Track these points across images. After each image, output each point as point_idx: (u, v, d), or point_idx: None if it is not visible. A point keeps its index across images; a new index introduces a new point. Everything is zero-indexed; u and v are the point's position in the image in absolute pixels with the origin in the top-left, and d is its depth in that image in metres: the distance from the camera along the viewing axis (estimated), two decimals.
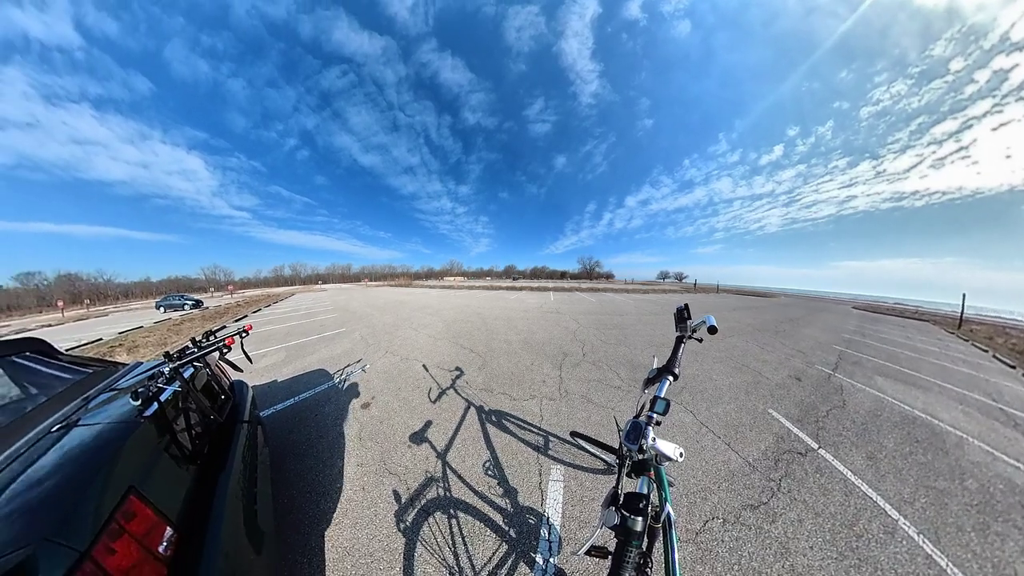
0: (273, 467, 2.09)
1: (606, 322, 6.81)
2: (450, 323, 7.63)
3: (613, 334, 5.44)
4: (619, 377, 3.33)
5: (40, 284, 55.26)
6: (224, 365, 2.00)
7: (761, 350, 4.61)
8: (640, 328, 6.07)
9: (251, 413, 1.86)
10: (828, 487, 1.90)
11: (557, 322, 7.03)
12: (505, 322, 7.31)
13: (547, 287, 27.56)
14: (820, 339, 6.09)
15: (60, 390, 1.40)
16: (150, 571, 0.83)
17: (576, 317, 7.66)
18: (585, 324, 6.59)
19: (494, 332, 6.14)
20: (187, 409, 1.33)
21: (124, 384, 1.44)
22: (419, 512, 1.70)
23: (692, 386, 3.17)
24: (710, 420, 2.57)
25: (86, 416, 1.14)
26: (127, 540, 0.81)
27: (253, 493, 1.35)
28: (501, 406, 2.79)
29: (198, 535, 1.01)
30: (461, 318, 8.41)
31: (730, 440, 2.29)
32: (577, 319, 7.31)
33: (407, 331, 6.98)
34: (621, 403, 2.76)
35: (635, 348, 4.48)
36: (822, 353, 4.84)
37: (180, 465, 1.14)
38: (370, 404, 3.18)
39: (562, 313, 8.57)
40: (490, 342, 5.27)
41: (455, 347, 5.14)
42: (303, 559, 1.52)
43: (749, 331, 6.28)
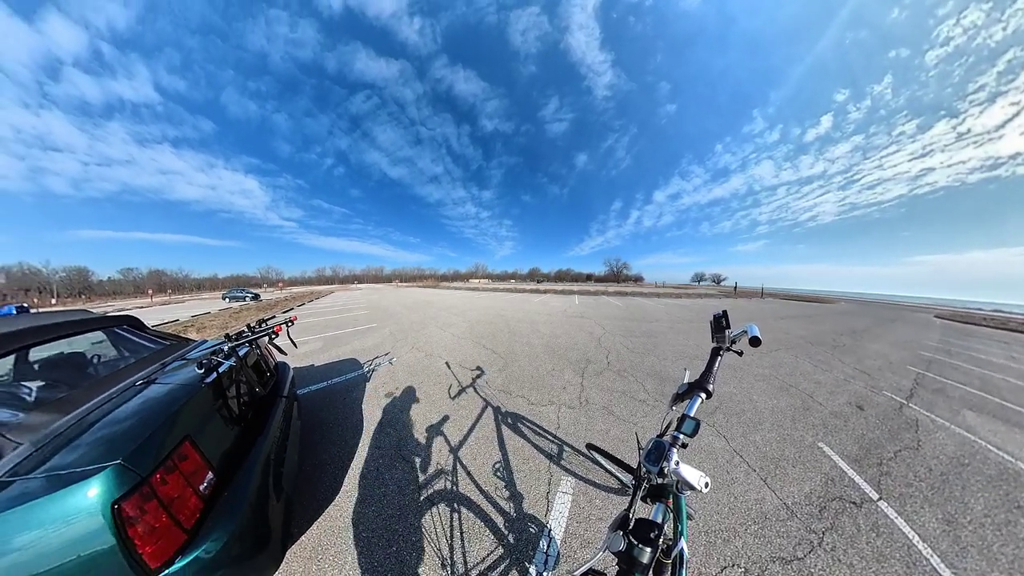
0: (302, 438, 2.43)
1: (634, 329, 6.48)
2: (474, 324, 7.79)
3: (641, 342, 5.17)
4: (645, 390, 3.12)
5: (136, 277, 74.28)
6: (272, 348, 2.38)
7: (814, 368, 4.00)
8: (671, 337, 5.66)
9: (290, 390, 2.11)
10: (885, 552, 1.53)
11: (581, 327, 6.85)
12: (528, 325, 7.29)
13: (572, 290, 26.77)
14: (891, 357, 5.09)
15: (144, 355, 1.76)
16: (190, 503, 1.03)
17: (601, 322, 7.41)
18: (611, 330, 6.34)
19: (517, 334, 6.16)
20: (238, 381, 1.59)
21: (192, 356, 1.74)
22: (424, 500, 1.78)
23: (728, 407, 2.85)
24: (745, 449, 2.24)
25: (161, 377, 1.43)
26: (177, 475, 1.02)
27: (282, 457, 1.55)
28: (518, 409, 2.79)
29: (233, 481, 1.20)
30: (485, 319, 8.55)
31: (767, 475, 1.99)
32: (602, 324, 7.06)
33: (433, 329, 7.25)
34: (645, 419, 2.58)
35: (664, 359, 4.19)
36: (893, 376, 4.02)
37: (227, 425, 1.37)
38: (393, 394, 3.38)
39: (587, 318, 8.33)
40: (512, 344, 5.30)
41: (478, 347, 5.24)
42: (313, 520, 1.70)
43: (800, 344, 5.51)
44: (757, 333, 0.96)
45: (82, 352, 1.84)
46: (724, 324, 1.02)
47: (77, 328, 1.64)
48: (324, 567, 1.46)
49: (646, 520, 0.71)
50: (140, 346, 1.87)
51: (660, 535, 0.68)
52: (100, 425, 1.05)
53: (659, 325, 7.14)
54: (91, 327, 1.72)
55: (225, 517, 1.07)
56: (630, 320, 7.86)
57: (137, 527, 0.88)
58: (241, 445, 1.39)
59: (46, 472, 0.88)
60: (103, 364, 1.80)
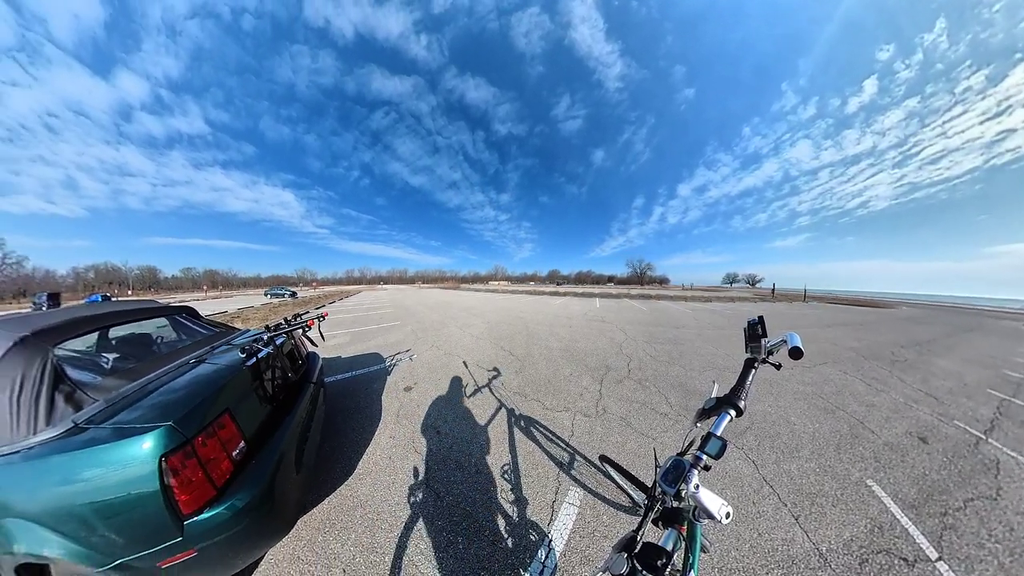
0: (326, 421, 2.66)
1: (658, 335, 6.17)
2: (493, 325, 7.86)
3: (665, 350, 4.90)
4: (668, 402, 2.94)
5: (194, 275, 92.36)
6: (305, 339, 2.65)
7: (867, 388, 3.47)
8: (699, 345, 5.30)
9: (318, 378, 2.33)
10: None
11: (602, 331, 6.65)
12: (547, 328, 7.22)
13: (592, 293, 25.89)
14: (966, 378, 4.17)
15: (197, 339, 2.04)
16: (223, 465, 1.20)
17: (623, 327, 7.14)
18: (633, 336, 6.09)
19: (535, 337, 6.12)
20: (274, 366, 1.79)
21: (236, 342, 1.99)
22: (431, 493, 1.84)
23: (760, 427, 2.55)
24: (777, 479, 1.95)
25: (210, 357, 1.67)
26: (215, 441, 1.20)
27: (306, 436, 1.73)
28: (532, 412, 2.77)
29: (261, 451, 1.38)
30: (503, 321, 8.60)
31: (801, 513, 1.70)
32: (624, 330, 6.81)
33: (452, 329, 7.43)
34: (665, 434, 2.40)
35: (691, 369, 3.93)
36: (968, 402, 3.32)
37: (261, 403, 1.57)
38: (412, 388, 3.54)
39: (608, 322, 8.07)
40: (530, 347, 5.28)
41: (495, 348, 5.28)
42: (325, 496, 1.87)
43: (850, 358, 4.81)
44: (799, 343, 0.84)
45: (149, 333, 2.19)
46: (760, 332, 0.91)
47: (146, 314, 1.97)
48: (329, 539, 1.58)
49: (654, 545, 0.67)
50: (194, 332, 2.18)
51: (668, 564, 0.63)
52: (158, 393, 1.27)
53: (686, 332, 6.71)
54: (157, 314, 2.06)
55: (250, 481, 1.22)
56: (654, 326, 7.48)
57: (177, 478, 1.05)
58: (271, 421, 1.58)
59: (113, 424, 1.10)
60: (164, 344, 2.13)
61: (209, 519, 1.09)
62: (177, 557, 1.05)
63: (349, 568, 1.45)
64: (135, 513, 1.01)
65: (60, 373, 1.21)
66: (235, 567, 1.23)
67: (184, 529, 1.05)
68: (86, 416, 1.13)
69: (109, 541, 1.00)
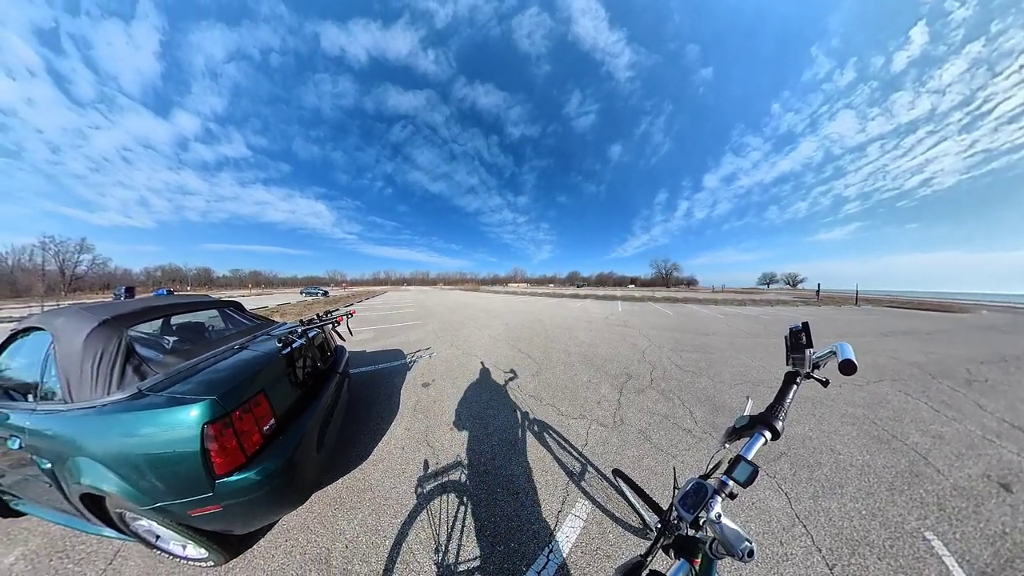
0: (348, 408, 2.86)
1: (685, 342, 5.81)
2: (511, 327, 7.89)
3: (692, 359, 4.61)
4: (693, 417, 2.73)
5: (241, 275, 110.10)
6: (334, 334, 2.90)
7: (934, 415, 2.91)
8: (731, 355, 4.89)
9: (344, 369, 2.55)
10: None
11: (624, 337, 6.40)
12: (566, 331, 7.11)
13: (614, 295, 24.81)
14: None
15: (241, 329, 2.35)
16: (254, 438, 1.36)
17: (647, 333, 6.82)
18: (658, 342, 5.79)
19: (553, 340, 6.05)
20: (305, 356, 1.99)
21: (274, 333, 2.27)
22: (437, 486, 1.90)
23: (798, 454, 2.22)
24: (813, 517, 1.66)
25: (251, 345, 1.91)
26: (250, 416, 1.37)
27: (329, 419, 1.91)
28: (546, 417, 2.73)
29: (288, 429, 1.54)
30: (522, 323, 8.60)
31: (837, 562, 1.42)
32: (648, 335, 6.50)
33: (472, 329, 7.56)
34: (688, 453, 2.21)
35: (721, 382, 3.63)
36: None
37: (292, 387, 1.76)
38: (429, 385, 3.65)
39: (630, 327, 7.75)
40: (548, 350, 5.22)
41: (513, 350, 5.30)
42: (340, 476, 2.04)
43: (914, 376, 4.02)
44: (851, 356, 0.72)
45: (202, 322, 2.52)
46: (804, 342, 0.80)
47: (200, 306, 2.32)
48: (338, 516, 1.71)
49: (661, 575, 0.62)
50: (239, 323, 2.50)
51: None
52: (206, 371, 1.48)
53: (716, 339, 6.20)
54: (209, 307, 2.41)
55: (275, 454, 1.38)
56: (681, 332, 7.03)
57: (215, 444, 1.22)
58: (299, 404, 1.76)
59: (168, 393, 1.30)
60: (214, 332, 2.43)
61: (236, 481, 1.25)
62: (205, 509, 1.23)
63: (351, 544, 1.55)
64: (177, 467, 1.20)
65: (131, 349, 1.48)
66: (252, 526, 1.43)
67: (215, 487, 1.22)
68: (148, 385, 1.36)
69: (153, 487, 1.21)
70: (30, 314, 1.72)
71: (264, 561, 1.49)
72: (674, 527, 0.71)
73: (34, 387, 1.49)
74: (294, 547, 1.55)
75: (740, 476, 0.65)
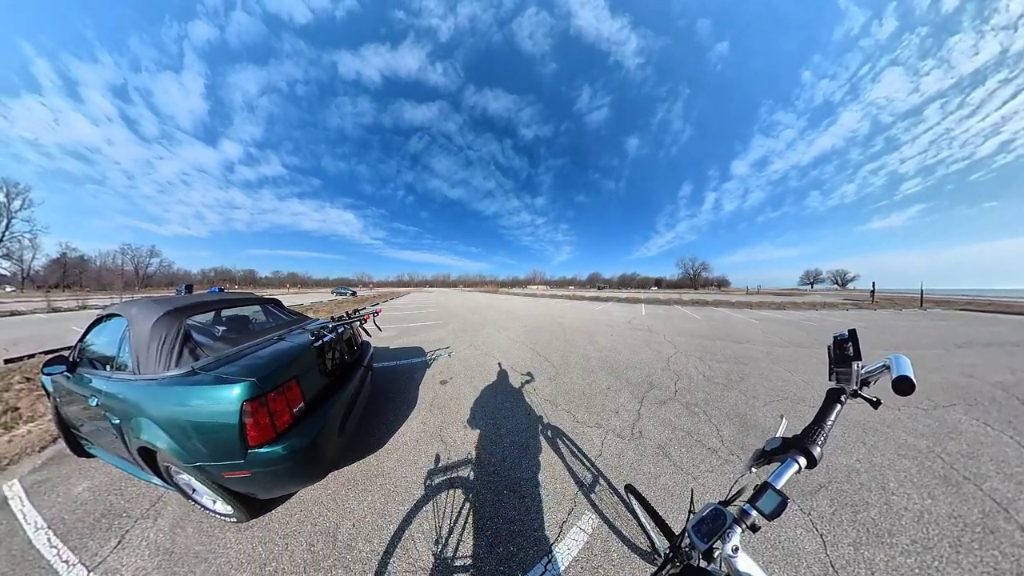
0: (369, 399, 3.12)
1: (715, 351, 5.41)
2: (530, 329, 7.88)
3: (723, 370, 4.29)
4: (719, 435, 2.52)
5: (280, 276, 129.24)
6: (361, 330, 3.21)
7: (1020, 451, 2.35)
8: (766, 367, 4.45)
9: (368, 362, 2.78)
10: None
11: (647, 342, 6.13)
12: (586, 335, 6.96)
13: (637, 297, 23.72)
14: None
15: (280, 323, 2.66)
16: (284, 418, 1.54)
17: (673, 339, 6.46)
18: (684, 350, 5.47)
19: (572, 344, 5.96)
20: (335, 349, 2.20)
21: (308, 327, 2.47)
22: (445, 481, 1.97)
23: (840, 488, 1.88)
24: (852, 569, 1.39)
25: (288, 337, 2.15)
26: (283, 399, 1.55)
27: (352, 407, 2.10)
28: (561, 423, 2.70)
29: (314, 413, 1.72)
30: (541, 325, 8.56)
31: None
32: (674, 342, 6.16)
33: (490, 330, 7.67)
34: (710, 475, 2.01)
35: (754, 396, 3.33)
36: None
37: (321, 376, 1.96)
38: (447, 383, 3.77)
39: (655, 332, 7.39)
40: (566, 354, 5.16)
41: (531, 352, 5.30)
42: (356, 460, 2.21)
43: (997, 400, 3.25)
44: (908, 372, 0.61)
45: (247, 315, 2.89)
46: (850, 352, 0.69)
47: (246, 302, 2.71)
48: (350, 496, 1.86)
49: None
50: (278, 317, 2.82)
51: None
52: (249, 357, 1.71)
53: (751, 348, 5.65)
54: (253, 303, 2.80)
55: (301, 433, 1.55)
56: (711, 339, 6.53)
57: (251, 419, 1.40)
58: (327, 392, 1.96)
59: (216, 373, 1.53)
60: (257, 324, 2.77)
61: (265, 453, 1.43)
62: (236, 473, 1.44)
63: (358, 524, 1.67)
64: (217, 435, 1.40)
65: (188, 335, 1.75)
66: (273, 494, 1.65)
67: (246, 456, 1.41)
68: (200, 365, 1.61)
69: (196, 448, 1.42)
70: (112, 304, 2.16)
71: (279, 525, 1.68)
72: (684, 555, 0.66)
73: (111, 359, 1.85)
74: (307, 517, 1.72)
75: (766, 506, 0.56)
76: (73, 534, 1.68)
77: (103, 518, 1.77)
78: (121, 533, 1.67)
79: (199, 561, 1.51)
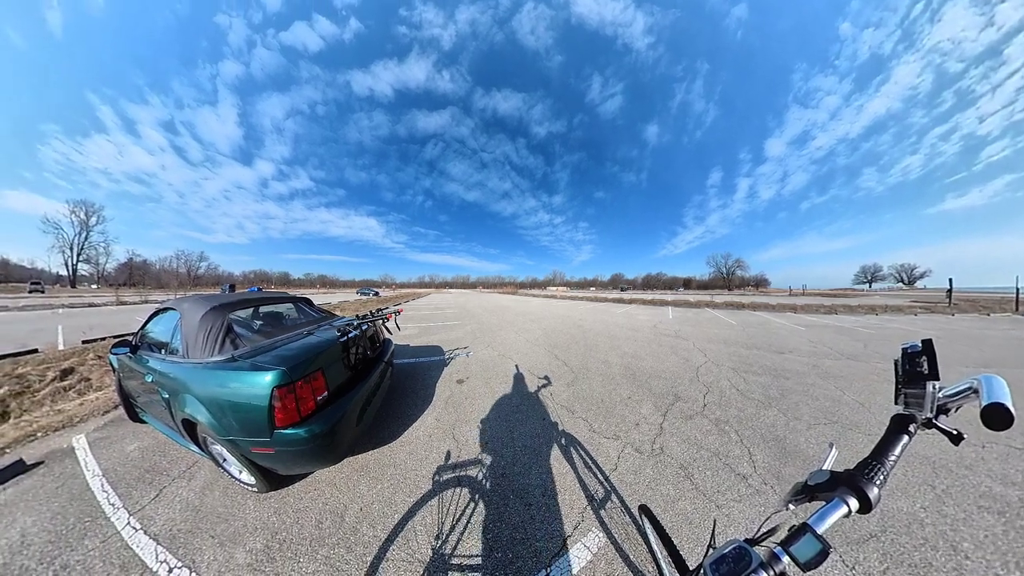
0: (388, 393, 3.33)
1: (752, 361, 4.89)
2: (548, 332, 7.78)
3: (760, 384, 3.89)
4: (751, 460, 2.23)
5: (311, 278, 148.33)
6: (384, 328, 3.42)
7: None
8: (813, 382, 3.91)
9: (389, 359, 2.95)
10: None
11: (674, 349, 5.76)
12: (607, 339, 6.73)
13: (664, 299, 21.99)
14: None
15: (310, 319, 2.94)
16: (308, 404, 1.71)
17: (703, 346, 5.99)
18: (716, 359, 5.05)
19: (593, 349, 5.79)
20: (358, 345, 2.38)
21: (335, 324, 2.72)
22: (453, 478, 2.01)
23: (899, 543, 1.53)
24: None
25: (317, 332, 2.36)
26: (309, 387, 1.73)
27: (371, 400, 2.27)
28: (576, 432, 2.62)
29: (336, 402, 1.89)
30: (560, 328, 8.43)
31: None
32: (704, 350, 5.72)
33: (509, 332, 7.69)
34: (736, 505, 1.78)
35: (796, 418, 2.93)
36: None
37: (344, 369, 2.15)
38: (463, 382, 3.86)
39: (683, 338, 6.90)
40: (586, 359, 5.02)
41: (549, 356, 5.23)
42: (370, 449, 2.36)
43: None
44: (1004, 399, 0.47)
45: (281, 312, 3.18)
46: (924, 369, 0.57)
47: (280, 300, 3.08)
48: (361, 482, 1.99)
49: None
50: (309, 314, 3.10)
51: None
52: (281, 349, 1.92)
53: (794, 359, 4.94)
54: (287, 301, 3.17)
55: (322, 420, 1.71)
56: (747, 347, 5.87)
57: (279, 403, 1.58)
58: (349, 383, 2.14)
59: (252, 361, 1.73)
60: (289, 320, 3.05)
61: (289, 434, 1.60)
62: (262, 449, 1.62)
63: (365, 509, 1.77)
64: (249, 414, 1.59)
65: (230, 327, 2.01)
66: (292, 471, 1.88)
67: (273, 435, 1.58)
68: (239, 353, 1.84)
69: (230, 425, 1.62)
70: (168, 299, 2.58)
71: (294, 500, 1.85)
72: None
73: (165, 345, 2.17)
74: (319, 496, 1.87)
75: (801, 553, 0.46)
76: (122, 483, 2.03)
77: (147, 473, 2.12)
78: (160, 488, 1.98)
79: (220, 521, 1.69)
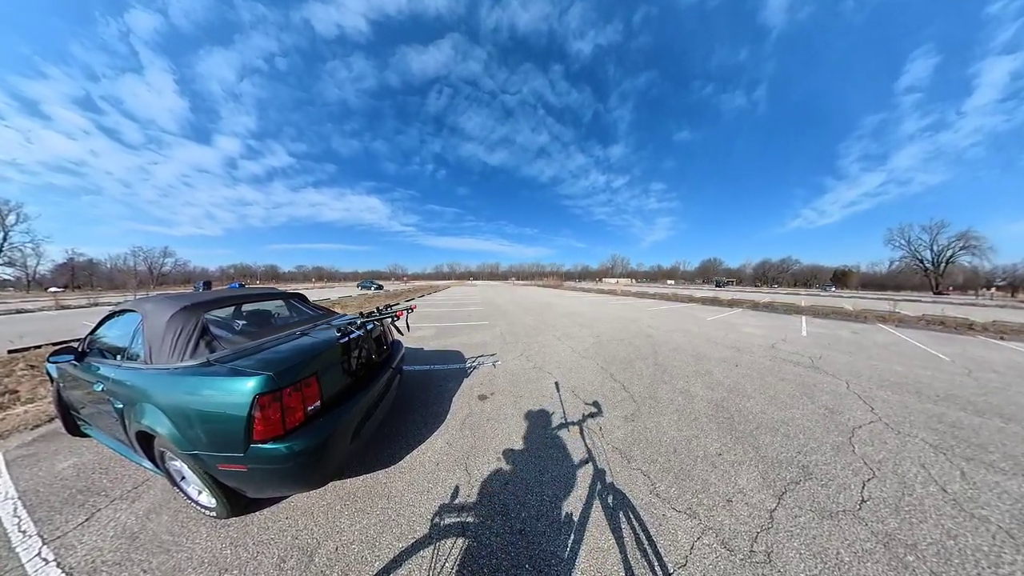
0: (393, 405, 3.27)
1: (972, 431, 3.42)
2: (604, 341, 7.27)
3: (989, 484, 2.78)
4: None
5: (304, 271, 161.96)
6: (393, 328, 3.59)
7: None
8: None
9: (397, 364, 3.08)
10: None
11: (808, 389, 4.42)
12: (690, 359, 5.88)
13: (797, 303, 16.58)
14: None
15: (304, 318, 3.05)
16: (297, 415, 1.79)
17: (870, 392, 4.37)
18: (894, 418, 3.67)
19: (666, 371, 5.12)
20: (361, 347, 2.47)
21: (334, 323, 2.86)
22: (457, 524, 1.97)
23: None
24: None
25: (312, 332, 2.49)
26: (299, 396, 1.82)
27: (371, 412, 2.36)
28: (631, 490, 2.30)
29: (329, 414, 1.96)
30: (620, 337, 7.80)
31: None
32: (872, 398, 4.19)
33: (548, 338, 7.50)
34: None
35: None
36: None
37: (343, 375, 2.25)
38: (487, 398, 3.83)
39: (827, 372, 5.19)
40: (655, 385, 4.44)
41: (602, 374, 4.86)
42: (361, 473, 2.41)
43: None
44: None
45: (269, 311, 3.44)
46: None
47: (267, 297, 3.25)
48: (343, 514, 2.02)
49: None
50: (303, 312, 3.28)
51: None
52: (268, 352, 2.03)
53: None
54: (276, 297, 3.36)
55: (309, 434, 1.78)
56: (963, 405, 4.01)
57: (261, 413, 1.66)
58: (347, 392, 2.22)
59: (231, 365, 1.84)
60: (279, 319, 3.27)
61: (267, 450, 1.67)
62: (232, 466, 1.71)
63: (341, 549, 1.78)
64: (221, 426, 1.69)
65: (206, 328, 2.13)
66: (264, 493, 1.92)
67: (247, 450, 1.66)
68: (216, 357, 1.94)
69: (195, 437, 1.72)
70: (125, 301, 2.83)
71: (258, 530, 1.91)
72: None
73: (122, 350, 2.32)
74: (289, 526, 1.93)
75: None
76: (43, 507, 2.16)
77: (79, 494, 2.28)
78: (92, 511, 2.13)
79: (160, 551, 1.75)
